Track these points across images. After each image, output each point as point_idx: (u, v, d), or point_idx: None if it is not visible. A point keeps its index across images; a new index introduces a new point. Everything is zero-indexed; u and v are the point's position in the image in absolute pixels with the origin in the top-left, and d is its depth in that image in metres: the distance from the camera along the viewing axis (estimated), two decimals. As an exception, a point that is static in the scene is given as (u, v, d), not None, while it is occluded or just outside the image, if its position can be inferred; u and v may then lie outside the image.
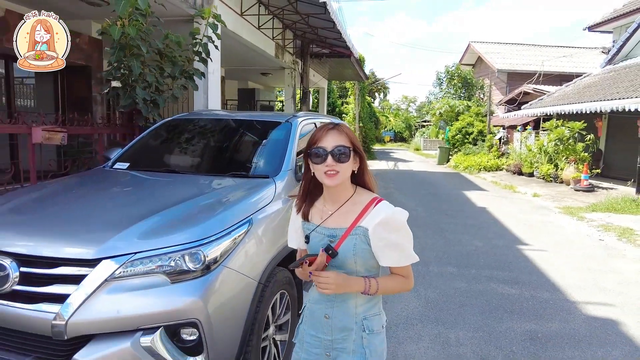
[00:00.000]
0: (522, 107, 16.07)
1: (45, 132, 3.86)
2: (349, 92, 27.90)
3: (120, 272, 1.74)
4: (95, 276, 1.72)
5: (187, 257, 1.83)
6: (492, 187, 12.06)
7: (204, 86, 6.49)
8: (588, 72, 16.36)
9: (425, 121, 40.14)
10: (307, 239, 1.43)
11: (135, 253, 1.77)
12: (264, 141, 3.19)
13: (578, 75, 16.95)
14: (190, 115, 3.75)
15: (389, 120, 42.48)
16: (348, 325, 1.41)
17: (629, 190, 10.03)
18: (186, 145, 3.36)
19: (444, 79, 25.29)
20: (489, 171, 15.53)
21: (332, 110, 25.28)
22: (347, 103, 28.64)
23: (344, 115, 26.28)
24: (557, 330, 3.30)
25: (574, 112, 11.81)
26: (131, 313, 1.71)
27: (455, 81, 23.68)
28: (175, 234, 1.86)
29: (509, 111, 17.60)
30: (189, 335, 1.81)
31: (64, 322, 1.65)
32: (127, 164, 3.09)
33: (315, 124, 3.94)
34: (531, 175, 13.27)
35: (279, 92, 23.66)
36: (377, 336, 1.44)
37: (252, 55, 10.48)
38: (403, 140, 41.68)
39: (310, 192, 1.46)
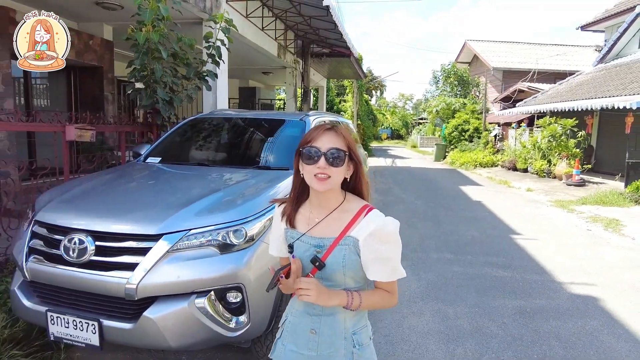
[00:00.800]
0: (516, 105, 16.49)
1: (78, 130, 4.20)
2: (347, 90, 28.27)
3: (178, 245, 2.11)
4: (158, 248, 2.08)
5: (231, 233, 2.20)
6: (487, 183, 12.47)
7: (213, 86, 6.84)
8: (581, 70, 16.81)
9: (422, 119, 40.57)
10: (291, 248, 1.34)
11: (190, 230, 2.14)
12: (282, 137, 3.56)
13: (572, 73, 17.40)
14: (212, 115, 4.11)
15: (386, 118, 42.92)
16: (337, 341, 1.33)
17: (618, 184, 10.46)
18: (212, 141, 3.72)
19: (441, 77, 25.67)
20: (484, 167, 15.96)
21: (330, 108, 25.61)
22: (344, 101, 29.02)
23: (342, 113, 26.64)
24: (543, 306, 3.70)
25: (566, 110, 12.22)
26: (188, 278, 2.08)
27: (451, 79, 24.07)
28: (221, 214, 2.23)
29: (504, 109, 18.03)
30: (234, 298, 2.18)
31: (134, 286, 2.02)
32: (159, 159, 3.45)
33: (325, 121, 4.31)
34: (525, 171, 13.70)
35: (277, 90, 24.01)
36: (367, 349, 1.37)
37: (255, 55, 10.83)
38: (400, 137, 42.10)
39: (297, 195, 1.37)
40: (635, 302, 3.84)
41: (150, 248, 2.08)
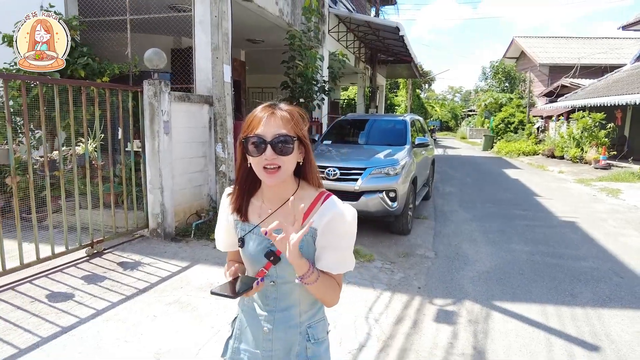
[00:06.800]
0: (558, 100, 18.57)
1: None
2: (401, 86, 30.93)
3: (372, 173, 5.27)
4: (365, 173, 5.26)
5: (390, 169, 5.34)
6: (526, 167, 14.96)
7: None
8: (624, 66, 18.49)
9: (471, 110, 42.22)
10: (242, 242, 1.23)
11: (376, 167, 5.30)
12: (393, 129, 6.71)
13: (619, 66, 18.73)
14: (352, 116, 7.32)
15: (435, 110, 44.91)
16: (292, 337, 1.25)
17: (638, 167, 12.66)
18: (355, 131, 6.93)
19: (489, 74, 27.69)
20: (526, 155, 18.27)
21: (385, 102, 28.36)
22: (396, 95, 31.71)
23: (395, 107, 29.36)
24: (541, 224, 6.59)
25: (599, 105, 14.36)
26: (377, 185, 5.24)
27: (499, 75, 26.08)
28: (385, 161, 5.38)
29: (547, 103, 20.09)
30: (392, 194, 5.31)
31: (358, 187, 5.21)
32: (330, 141, 6.69)
33: (413, 120, 7.39)
34: (562, 158, 15.97)
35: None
36: (322, 344, 1.29)
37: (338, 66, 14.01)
38: (449, 129, 43.96)
39: (245, 186, 1.24)
40: (597, 225, 6.61)
41: (362, 173, 5.27)
